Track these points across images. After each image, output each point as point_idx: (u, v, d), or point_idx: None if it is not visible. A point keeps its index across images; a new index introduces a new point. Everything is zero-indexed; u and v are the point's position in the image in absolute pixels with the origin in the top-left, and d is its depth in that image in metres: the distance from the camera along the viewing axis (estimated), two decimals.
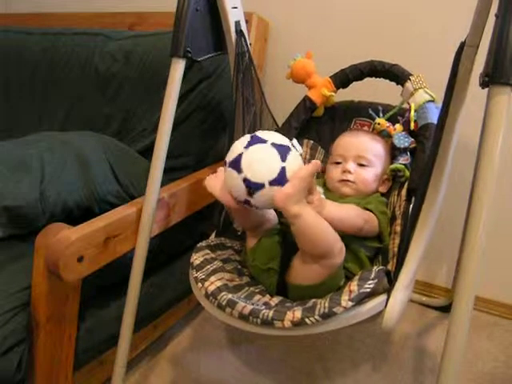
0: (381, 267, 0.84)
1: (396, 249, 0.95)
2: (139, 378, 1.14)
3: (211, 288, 0.83)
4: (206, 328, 1.32)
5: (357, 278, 0.82)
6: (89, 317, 0.99)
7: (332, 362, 1.19)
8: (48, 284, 0.83)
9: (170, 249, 1.21)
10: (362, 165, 1.05)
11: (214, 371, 1.16)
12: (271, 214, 0.99)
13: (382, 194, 1.07)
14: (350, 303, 0.75)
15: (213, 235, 1.05)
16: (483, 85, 0.64)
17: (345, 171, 1.04)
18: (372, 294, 0.79)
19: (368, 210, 0.96)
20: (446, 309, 1.39)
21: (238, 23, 1.11)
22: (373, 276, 0.80)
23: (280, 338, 0.78)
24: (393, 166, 1.05)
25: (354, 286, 0.79)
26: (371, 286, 0.78)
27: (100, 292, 1.03)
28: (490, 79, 0.62)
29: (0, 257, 0.94)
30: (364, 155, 1.04)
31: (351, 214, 0.91)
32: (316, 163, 0.79)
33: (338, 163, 1.07)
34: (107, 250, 0.91)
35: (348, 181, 1.03)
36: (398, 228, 0.98)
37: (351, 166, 1.04)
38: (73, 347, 0.93)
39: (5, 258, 0.93)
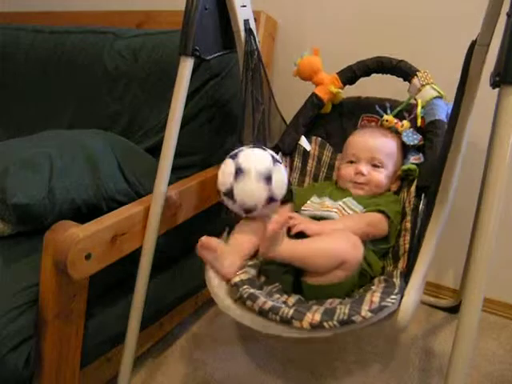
0: (401, 280, 0.84)
1: (407, 245, 0.95)
2: (145, 375, 1.14)
3: (235, 279, 0.85)
4: (212, 326, 1.32)
5: (380, 289, 0.82)
6: (96, 314, 0.99)
7: (339, 361, 1.19)
8: (56, 281, 0.84)
9: (178, 247, 1.21)
10: (375, 165, 1.04)
11: (220, 369, 1.16)
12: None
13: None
14: (370, 314, 0.75)
15: (225, 234, 1.03)
16: (494, 85, 0.63)
17: (358, 173, 1.04)
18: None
19: (380, 211, 0.96)
20: (453, 310, 1.38)
21: (246, 22, 1.10)
22: (396, 291, 0.80)
23: (289, 338, 0.78)
24: (405, 167, 1.05)
25: (376, 297, 0.78)
26: (393, 301, 0.78)
27: (107, 289, 1.03)
28: (501, 79, 0.62)
29: (8, 254, 0.95)
30: (378, 156, 1.04)
31: (352, 230, 0.89)
32: (277, 223, 0.81)
33: (351, 162, 1.07)
34: (115, 247, 0.91)
35: (361, 183, 1.04)
36: (408, 225, 0.98)
37: (364, 168, 1.04)
38: (80, 344, 0.94)
39: (13, 255, 0.94)
